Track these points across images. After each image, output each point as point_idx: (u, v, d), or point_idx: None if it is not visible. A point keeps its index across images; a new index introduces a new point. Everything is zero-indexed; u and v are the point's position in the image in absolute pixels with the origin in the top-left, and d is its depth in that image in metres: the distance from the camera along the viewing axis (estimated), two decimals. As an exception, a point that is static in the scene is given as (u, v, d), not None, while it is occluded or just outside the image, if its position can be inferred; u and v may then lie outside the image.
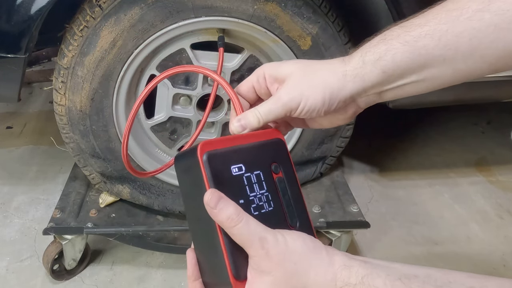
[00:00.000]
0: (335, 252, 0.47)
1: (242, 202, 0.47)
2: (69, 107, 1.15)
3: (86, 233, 1.21)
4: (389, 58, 0.51)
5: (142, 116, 1.25)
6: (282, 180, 0.50)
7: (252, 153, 0.49)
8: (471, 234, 1.47)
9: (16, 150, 1.83)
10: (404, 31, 0.51)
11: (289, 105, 0.54)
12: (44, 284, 1.25)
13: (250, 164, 0.48)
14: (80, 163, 1.25)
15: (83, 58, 1.09)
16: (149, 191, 1.30)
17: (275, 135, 0.52)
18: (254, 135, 0.51)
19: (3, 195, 1.58)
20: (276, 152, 0.51)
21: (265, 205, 0.48)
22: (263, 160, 0.49)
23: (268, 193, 0.48)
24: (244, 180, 0.48)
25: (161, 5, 1.05)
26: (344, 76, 0.53)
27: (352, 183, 1.63)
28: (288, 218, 0.49)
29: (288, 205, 0.49)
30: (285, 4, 1.08)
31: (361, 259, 0.47)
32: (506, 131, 1.99)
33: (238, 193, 0.47)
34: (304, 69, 0.55)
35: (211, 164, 0.46)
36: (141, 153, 1.26)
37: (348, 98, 0.54)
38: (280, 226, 0.48)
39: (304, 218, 0.50)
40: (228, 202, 0.45)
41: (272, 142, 0.51)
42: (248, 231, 0.44)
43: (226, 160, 0.47)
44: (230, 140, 0.49)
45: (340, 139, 1.34)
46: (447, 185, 1.69)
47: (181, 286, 1.26)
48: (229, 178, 0.47)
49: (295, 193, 0.50)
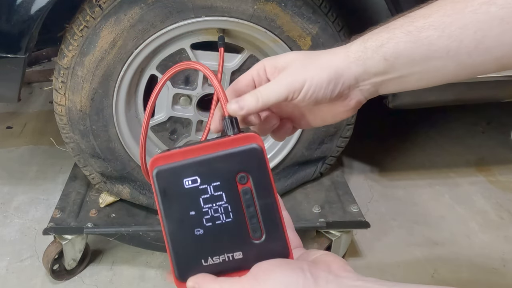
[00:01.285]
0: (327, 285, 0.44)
1: (193, 213, 0.47)
2: (69, 107, 1.15)
3: (86, 233, 1.21)
4: (391, 46, 0.50)
5: (142, 116, 1.25)
6: (248, 191, 0.47)
7: (214, 163, 0.47)
8: (471, 234, 1.47)
9: (16, 150, 1.83)
10: (408, 21, 0.50)
11: (293, 85, 0.51)
12: (44, 284, 1.25)
13: (207, 176, 0.47)
14: (80, 163, 1.25)
15: (83, 58, 1.09)
16: (149, 191, 1.30)
17: (251, 140, 0.48)
18: (223, 143, 0.48)
19: (3, 195, 1.58)
20: (246, 161, 0.47)
21: (222, 216, 0.47)
22: (226, 170, 0.47)
23: (227, 204, 0.47)
24: (198, 192, 0.47)
25: (161, 5, 1.05)
26: (347, 58, 0.52)
27: (352, 183, 1.63)
28: (251, 230, 0.47)
29: (252, 217, 0.47)
30: (285, 4, 1.08)
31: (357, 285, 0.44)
32: (506, 131, 1.99)
33: (189, 205, 0.47)
34: (305, 54, 0.54)
35: (160, 179, 0.47)
36: (141, 153, 1.26)
37: (352, 81, 0.52)
38: (239, 239, 0.47)
39: (273, 231, 0.48)
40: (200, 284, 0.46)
41: (243, 150, 0.47)
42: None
43: (178, 173, 0.47)
44: (190, 151, 0.48)
45: (340, 139, 1.34)
46: (447, 185, 1.69)
47: (181, 286, 1.26)
48: (181, 192, 0.47)
49: (266, 204, 0.48)
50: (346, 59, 0.51)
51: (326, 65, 0.51)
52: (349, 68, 0.51)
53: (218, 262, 0.47)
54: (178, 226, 0.47)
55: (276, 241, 0.48)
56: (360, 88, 0.54)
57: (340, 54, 0.52)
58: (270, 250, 0.47)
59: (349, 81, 0.52)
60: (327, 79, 0.51)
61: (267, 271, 0.45)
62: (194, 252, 0.47)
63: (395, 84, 0.53)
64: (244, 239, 0.47)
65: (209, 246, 0.47)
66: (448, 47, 0.48)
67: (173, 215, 0.47)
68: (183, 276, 0.48)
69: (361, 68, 0.51)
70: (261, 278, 0.45)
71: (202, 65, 0.53)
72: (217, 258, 0.47)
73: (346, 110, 0.55)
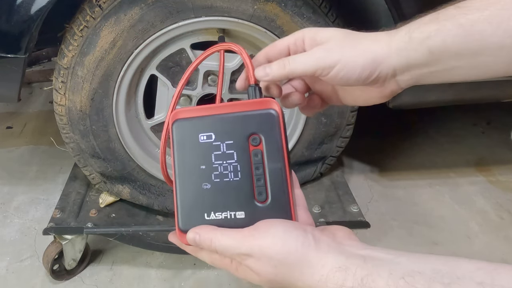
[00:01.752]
0: (329, 250, 0.43)
1: (204, 168, 0.49)
2: (69, 107, 1.15)
3: (86, 233, 1.21)
4: (438, 39, 0.47)
5: (142, 116, 1.25)
6: (259, 153, 0.48)
7: (230, 122, 0.49)
8: (471, 234, 1.47)
9: (16, 150, 1.83)
10: (461, 13, 0.47)
11: (324, 61, 0.49)
12: (44, 284, 1.25)
13: (222, 133, 0.49)
14: (80, 163, 1.25)
15: (83, 58, 1.09)
16: (149, 191, 1.30)
17: (268, 105, 0.49)
18: (241, 105, 0.50)
19: (3, 195, 1.58)
20: (262, 124, 0.48)
21: (230, 174, 0.48)
22: (240, 131, 0.49)
23: (237, 163, 0.48)
24: (211, 148, 0.49)
25: (161, 5, 1.05)
26: (388, 47, 0.49)
27: (352, 183, 1.63)
28: (256, 192, 0.48)
29: (259, 179, 0.48)
30: (285, 4, 1.08)
31: (362, 254, 0.43)
32: (506, 131, 1.99)
33: (201, 159, 0.49)
34: (347, 34, 0.51)
35: (178, 131, 0.50)
36: (141, 153, 1.26)
37: (390, 71, 0.50)
38: (244, 199, 0.48)
39: (279, 195, 0.48)
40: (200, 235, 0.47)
41: (259, 113, 0.49)
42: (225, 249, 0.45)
43: (195, 128, 0.49)
44: (210, 108, 0.50)
45: (340, 139, 1.34)
46: (447, 185, 1.69)
47: (181, 286, 1.26)
48: (195, 145, 0.49)
49: (275, 168, 0.48)
50: (387, 48, 0.49)
51: (364, 51, 0.49)
52: (389, 57, 0.49)
53: (220, 218, 0.48)
54: (188, 178, 0.49)
55: (281, 206, 0.48)
56: (398, 79, 0.51)
57: (382, 41, 0.50)
58: (273, 214, 0.48)
59: (387, 71, 0.50)
60: (361, 65, 0.49)
61: (268, 224, 0.46)
62: (198, 205, 0.49)
63: (437, 76, 0.50)
64: (249, 200, 0.48)
65: (213, 202, 0.48)
66: (502, 43, 0.45)
67: (185, 167, 0.49)
68: (185, 226, 0.49)
69: (403, 59, 0.49)
70: (262, 229, 0.45)
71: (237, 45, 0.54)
72: (220, 214, 0.48)
73: (380, 97, 0.54)
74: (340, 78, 0.49)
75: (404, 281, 0.39)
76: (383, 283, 0.39)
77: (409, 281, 0.39)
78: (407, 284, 0.39)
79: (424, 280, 0.38)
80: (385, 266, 0.41)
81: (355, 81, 0.49)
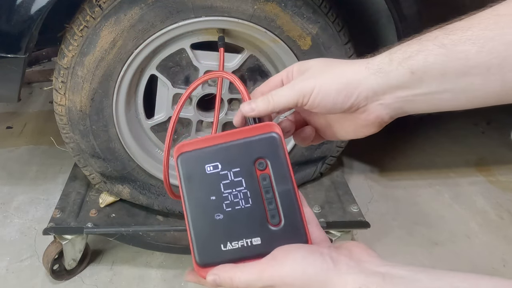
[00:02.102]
0: (348, 270, 0.43)
1: (214, 198, 0.49)
2: (69, 107, 1.15)
3: (86, 233, 1.21)
4: (420, 58, 0.46)
5: (142, 116, 1.25)
6: (267, 177, 0.49)
7: (234, 150, 0.50)
8: (471, 234, 1.47)
9: (16, 150, 1.83)
10: (443, 34, 0.46)
11: (302, 90, 0.50)
12: (44, 284, 1.25)
13: (228, 162, 0.49)
14: (80, 163, 1.25)
15: (83, 58, 1.09)
16: (149, 191, 1.30)
17: (269, 129, 0.50)
18: (243, 131, 0.51)
19: (3, 195, 1.58)
20: (265, 148, 0.49)
21: (241, 201, 0.49)
22: (245, 157, 0.49)
23: (246, 190, 0.49)
24: (219, 178, 0.49)
25: (161, 5, 1.05)
26: (366, 69, 0.49)
27: (352, 183, 1.63)
28: (269, 216, 0.48)
29: (270, 202, 0.49)
30: (285, 4, 1.08)
31: (381, 272, 0.42)
32: (506, 131, 1.99)
33: (210, 190, 0.49)
34: (325, 62, 0.53)
35: (183, 164, 0.50)
36: (141, 153, 1.26)
37: (369, 94, 0.49)
38: (258, 224, 0.48)
39: (291, 216, 0.48)
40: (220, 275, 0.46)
41: (262, 138, 0.50)
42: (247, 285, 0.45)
43: (201, 159, 0.50)
44: (213, 138, 0.51)
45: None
46: (447, 185, 1.69)
47: (181, 286, 1.26)
48: (203, 177, 0.49)
49: (284, 190, 0.49)
50: (364, 70, 0.49)
51: (339, 74, 0.50)
52: (366, 79, 0.49)
53: (236, 248, 0.48)
54: (199, 211, 0.49)
55: (295, 227, 0.48)
56: (381, 102, 0.50)
57: (358, 65, 0.50)
58: (289, 236, 0.48)
59: (366, 93, 0.49)
60: (335, 88, 0.49)
61: (286, 252, 0.45)
62: (213, 237, 0.48)
63: (423, 102, 0.48)
64: (262, 224, 0.48)
65: (228, 231, 0.48)
66: (488, 64, 0.44)
67: (195, 200, 0.49)
68: (202, 260, 0.48)
69: (382, 80, 0.48)
70: (279, 258, 0.45)
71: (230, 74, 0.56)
72: (236, 243, 0.48)
73: (367, 125, 0.52)
74: (318, 104, 0.50)
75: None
76: None
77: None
78: None
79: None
80: (404, 284, 0.40)
81: (332, 106, 0.50)
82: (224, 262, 0.48)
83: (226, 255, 0.48)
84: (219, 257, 0.48)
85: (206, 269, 0.48)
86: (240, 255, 0.48)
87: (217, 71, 0.59)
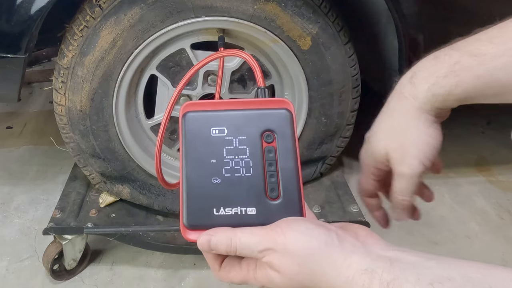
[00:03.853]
0: (353, 250, 0.41)
1: (214, 162, 0.48)
2: (69, 107, 1.15)
3: (86, 233, 1.21)
4: (459, 92, 0.51)
5: (142, 116, 1.25)
6: (272, 150, 0.48)
7: (243, 118, 0.49)
8: (471, 234, 1.47)
9: (16, 150, 1.83)
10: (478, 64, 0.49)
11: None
12: (44, 284, 1.25)
13: (235, 128, 0.49)
14: (80, 163, 1.25)
15: (83, 58, 1.09)
16: (149, 191, 1.30)
17: (283, 105, 0.50)
18: (256, 102, 0.50)
19: (3, 195, 1.58)
20: (276, 122, 0.49)
21: (242, 169, 0.48)
22: (254, 127, 0.49)
23: (249, 159, 0.48)
24: (223, 142, 0.48)
25: (161, 5, 1.05)
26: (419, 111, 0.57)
27: (352, 183, 1.62)
28: (268, 189, 0.48)
29: (272, 175, 0.48)
30: (285, 4, 1.08)
31: (388, 256, 0.41)
32: (506, 131, 1.99)
33: (212, 153, 0.48)
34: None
35: (188, 122, 0.49)
36: (141, 153, 1.26)
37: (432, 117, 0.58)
38: (256, 195, 0.47)
39: (291, 192, 0.48)
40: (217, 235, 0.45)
41: (275, 112, 0.49)
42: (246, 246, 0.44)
43: (208, 121, 0.49)
44: (223, 103, 0.50)
45: (340, 139, 1.34)
46: (447, 185, 1.69)
47: (181, 286, 1.26)
48: (206, 139, 0.48)
49: (287, 166, 0.48)
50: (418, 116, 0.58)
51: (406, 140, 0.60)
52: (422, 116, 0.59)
53: (229, 214, 0.47)
54: (197, 171, 0.48)
55: (292, 204, 0.48)
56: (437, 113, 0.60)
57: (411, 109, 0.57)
58: (285, 212, 0.47)
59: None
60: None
61: (290, 221, 0.44)
62: (207, 200, 0.47)
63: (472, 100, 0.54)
64: (260, 196, 0.47)
65: (224, 196, 0.47)
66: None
67: (194, 160, 0.48)
68: (191, 221, 0.47)
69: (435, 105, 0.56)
70: (284, 227, 0.44)
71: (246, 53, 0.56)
72: (230, 209, 0.47)
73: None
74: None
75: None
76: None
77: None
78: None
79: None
80: (412, 270, 0.39)
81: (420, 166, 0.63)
82: (212, 226, 0.46)
83: (217, 220, 0.47)
84: (209, 220, 0.47)
85: (192, 231, 0.47)
86: (232, 223, 0.46)
87: (233, 50, 0.58)
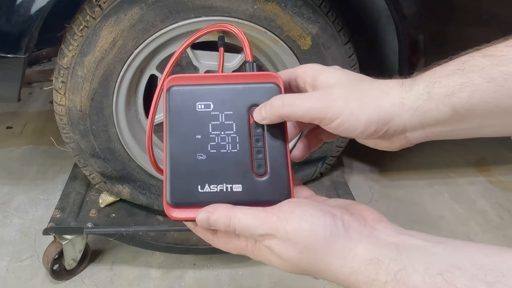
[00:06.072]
0: (359, 239, 0.39)
1: (199, 137, 0.46)
2: (69, 107, 1.15)
3: (86, 233, 1.21)
4: (464, 95, 0.40)
5: (142, 116, 1.25)
6: (260, 125, 0.47)
7: (230, 93, 0.47)
8: (471, 234, 1.47)
9: (16, 150, 1.83)
10: (491, 63, 0.40)
11: (326, 112, 0.44)
12: (44, 284, 1.25)
13: (222, 103, 0.47)
14: (80, 163, 1.25)
15: (83, 58, 1.09)
16: (149, 191, 1.30)
17: (271, 79, 0.48)
18: (243, 76, 0.48)
19: (3, 195, 1.58)
20: (264, 96, 0.47)
21: (228, 145, 0.46)
22: (241, 102, 0.47)
23: (236, 135, 0.46)
24: (209, 117, 0.47)
25: (161, 5, 1.05)
26: (400, 103, 0.43)
27: (352, 183, 1.63)
28: (255, 165, 0.46)
29: (259, 151, 0.46)
30: (285, 4, 1.08)
31: (395, 242, 0.39)
32: (506, 131, 1.99)
33: (197, 129, 0.46)
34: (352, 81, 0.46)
35: (173, 97, 0.47)
36: (141, 153, 1.26)
37: (399, 129, 0.44)
38: (242, 171, 0.46)
39: (278, 169, 0.46)
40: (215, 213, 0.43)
41: (263, 86, 0.47)
42: (245, 228, 0.42)
43: (193, 96, 0.47)
44: (209, 77, 0.48)
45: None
46: (447, 185, 1.69)
47: (181, 286, 1.26)
48: (191, 114, 0.47)
49: (275, 142, 0.47)
50: (399, 105, 0.43)
51: (370, 106, 0.43)
52: (400, 116, 0.43)
53: (214, 192, 0.45)
54: (181, 148, 0.46)
55: (280, 181, 0.46)
56: (408, 135, 0.45)
57: (393, 96, 0.43)
58: (272, 189, 0.46)
59: (395, 128, 0.44)
60: (365, 122, 0.43)
61: (294, 205, 0.42)
62: (192, 176, 0.46)
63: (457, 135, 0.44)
64: (247, 172, 0.46)
65: (209, 173, 0.46)
66: None
67: (179, 136, 0.47)
68: (174, 198, 0.45)
69: (417, 119, 0.43)
70: (286, 211, 0.42)
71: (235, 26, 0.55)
72: (215, 186, 0.46)
73: (387, 147, 0.48)
74: (340, 131, 0.45)
75: (442, 278, 0.34)
76: (419, 280, 0.35)
77: (448, 278, 0.34)
78: (446, 283, 0.34)
79: (465, 279, 0.34)
80: (420, 258, 0.36)
81: (357, 136, 0.45)
82: (197, 204, 0.45)
83: (201, 197, 0.45)
84: (193, 198, 0.45)
85: (176, 209, 0.46)
86: (216, 200, 0.45)
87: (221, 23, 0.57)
